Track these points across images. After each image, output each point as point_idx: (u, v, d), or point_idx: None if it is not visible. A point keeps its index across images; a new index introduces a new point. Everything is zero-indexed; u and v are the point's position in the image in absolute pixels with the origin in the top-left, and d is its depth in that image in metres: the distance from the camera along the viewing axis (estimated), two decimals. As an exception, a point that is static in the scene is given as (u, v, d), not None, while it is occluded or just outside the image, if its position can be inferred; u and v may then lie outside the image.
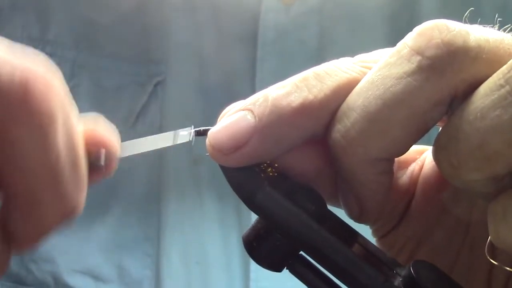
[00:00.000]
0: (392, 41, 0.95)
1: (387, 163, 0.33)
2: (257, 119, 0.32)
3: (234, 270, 0.78)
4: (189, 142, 0.77)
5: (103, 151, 0.32)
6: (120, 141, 0.33)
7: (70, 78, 0.78)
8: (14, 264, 0.77)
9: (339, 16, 0.81)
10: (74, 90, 0.57)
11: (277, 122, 0.32)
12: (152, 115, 0.79)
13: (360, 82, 0.32)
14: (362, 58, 0.35)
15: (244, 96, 0.33)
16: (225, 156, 0.33)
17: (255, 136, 0.32)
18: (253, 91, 0.78)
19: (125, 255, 0.79)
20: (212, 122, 0.35)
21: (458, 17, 0.89)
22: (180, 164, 0.79)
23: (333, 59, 0.92)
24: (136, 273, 0.79)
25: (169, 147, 0.78)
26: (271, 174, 0.35)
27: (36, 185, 0.28)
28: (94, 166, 0.32)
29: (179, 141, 0.35)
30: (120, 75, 0.79)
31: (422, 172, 0.37)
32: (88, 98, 0.79)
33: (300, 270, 0.34)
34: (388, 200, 0.36)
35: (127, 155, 0.34)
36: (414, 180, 0.38)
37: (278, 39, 0.79)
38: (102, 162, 0.32)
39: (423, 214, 0.37)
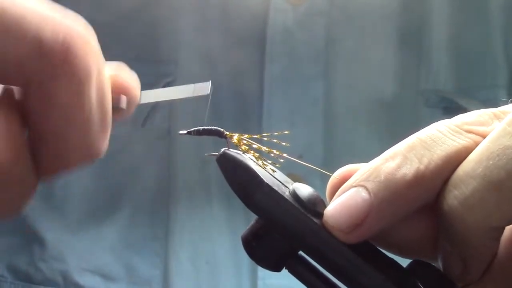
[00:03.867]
0: (398, 44, 0.95)
1: (500, 230, 0.33)
2: (372, 195, 0.33)
3: (242, 269, 0.79)
4: (199, 145, 0.77)
5: (124, 96, 0.34)
6: (140, 87, 0.35)
7: None
8: (23, 262, 0.78)
9: (345, 18, 0.81)
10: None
11: (393, 197, 0.32)
12: (161, 116, 0.80)
13: (477, 150, 0.32)
14: (464, 120, 0.35)
15: (253, 96, 0.33)
16: (346, 235, 0.33)
17: (373, 213, 0.32)
18: (261, 91, 0.79)
19: (134, 255, 0.79)
20: (221, 122, 0.36)
21: (466, 17, 0.88)
22: (189, 164, 0.80)
23: (340, 60, 0.92)
24: (145, 273, 0.79)
25: (180, 147, 0.78)
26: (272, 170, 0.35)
27: (67, 131, 0.31)
28: (114, 109, 0.33)
29: (198, 94, 0.36)
30: None
31: (505, 231, 0.36)
32: None
33: (299, 270, 0.34)
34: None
35: (146, 101, 0.35)
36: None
37: (286, 40, 0.79)
38: (123, 106, 0.33)
39: (506, 271, 0.36)
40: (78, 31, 0.30)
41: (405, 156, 0.33)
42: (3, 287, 0.77)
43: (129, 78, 0.34)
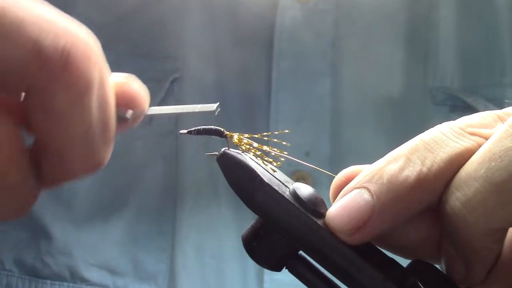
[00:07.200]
0: (404, 42, 0.94)
1: (503, 232, 0.33)
2: (375, 197, 0.33)
3: (248, 264, 0.79)
4: (205, 142, 0.77)
5: (131, 106, 0.33)
6: (149, 98, 0.34)
7: None
8: (31, 257, 0.78)
9: (352, 15, 0.80)
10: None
11: (395, 200, 0.33)
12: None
13: (479, 151, 0.32)
14: (467, 123, 0.35)
15: (259, 94, 0.33)
16: (349, 237, 0.33)
17: (375, 215, 0.33)
18: (268, 88, 0.79)
19: (141, 249, 0.80)
20: (227, 120, 0.35)
21: (473, 14, 0.88)
22: (196, 160, 0.80)
23: (347, 58, 0.92)
24: (151, 267, 0.79)
25: (187, 143, 0.78)
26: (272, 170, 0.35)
27: (67, 141, 0.30)
28: (121, 118, 0.33)
29: (204, 109, 0.36)
30: (137, 71, 0.80)
31: (508, 233, 0.36)
32: None
33: (299, 270, 0.34)
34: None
35: (152, 113, 0.35)
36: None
37: (294, 37, 0.79)
38: (129, 116, 0.33)
39: (510, 273, 0.36)
40: (80, 39, 0.29)
41: (408, 158, 0.33)
42: (10, 281, 0.78)
43: (138, 88, 0.33)
